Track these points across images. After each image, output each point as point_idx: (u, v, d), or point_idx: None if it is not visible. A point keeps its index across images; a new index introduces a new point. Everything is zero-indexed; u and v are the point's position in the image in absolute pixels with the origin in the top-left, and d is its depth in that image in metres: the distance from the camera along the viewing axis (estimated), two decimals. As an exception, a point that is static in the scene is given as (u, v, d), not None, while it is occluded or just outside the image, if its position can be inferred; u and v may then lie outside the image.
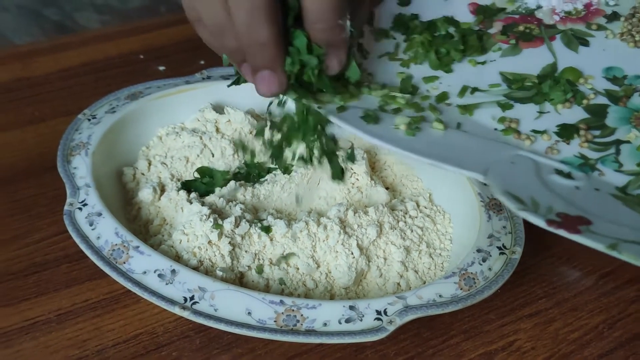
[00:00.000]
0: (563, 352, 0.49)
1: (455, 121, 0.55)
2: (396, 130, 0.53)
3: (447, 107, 0.56)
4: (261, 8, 0.39)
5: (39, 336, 0.49)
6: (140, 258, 0.47)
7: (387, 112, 0.54)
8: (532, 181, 0.50)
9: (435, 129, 0.54)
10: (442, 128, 0.54)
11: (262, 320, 0.43)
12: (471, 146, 0.53)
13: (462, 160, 0.50)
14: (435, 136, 0.53)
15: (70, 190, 0.51)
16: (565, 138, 0.55)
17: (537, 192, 0.48)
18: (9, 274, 0.53)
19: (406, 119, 0.52)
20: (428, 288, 0.46)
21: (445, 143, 0.53)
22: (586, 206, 0.47)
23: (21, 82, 0.73)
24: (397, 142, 0.51)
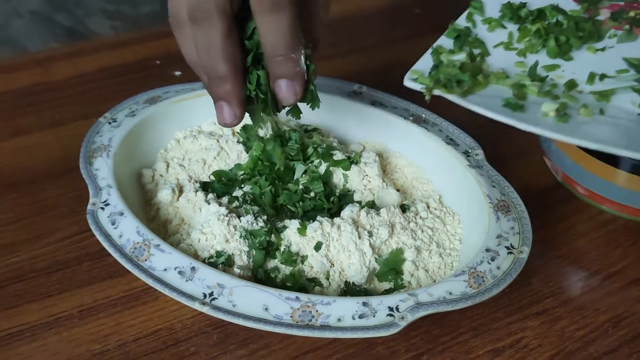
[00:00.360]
0: (569, 350, 0.51)
1: (595, 108, 0.54)
2: (546, 118, 0.52)
3: (579, 95, 0.55)
4: (218, 48, 0.45)
5: (63, 331, 0.50)
6: (161, 256, 0.48)
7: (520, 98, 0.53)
8: None
9: (582, 116, 0.53)
10: (589, 114, 0.53)
11: (278, 316, 0.45)
12: (626, 130, 0.52)
13: (628, 144, 0.50)
14: (587, 122, 0.53)
15: (92, 190, 0.53)
16: None
17: None
18: (33, 272, 0.54)
19: (554, 106, 0.52)
20: (438, 286, 0.47)
21: (602, 128, 0.53)
22: None
23: (41, 86, 0.75)
24: (551, 128, 0.51)
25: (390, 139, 0.62)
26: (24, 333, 0.50)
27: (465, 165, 0.56)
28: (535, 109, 0.52)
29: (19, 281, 0.54)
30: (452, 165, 0.57)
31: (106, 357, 0.49)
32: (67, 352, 0.49)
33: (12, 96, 0.73)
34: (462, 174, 0.56)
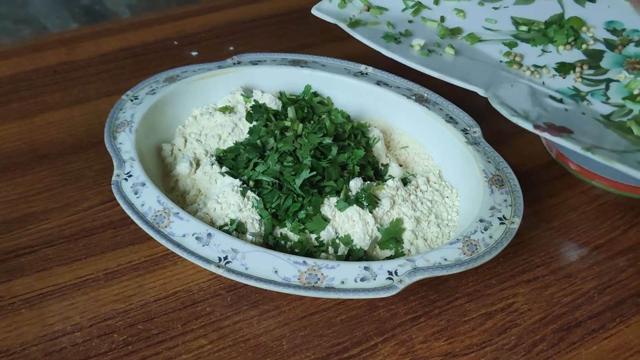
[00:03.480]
0: (556, 314, 0.54)
1: (466, 50, 0.64)
2: (411, 50, 0.62)
3: (458, 40, 0.66)
4: None
5: (90, 291, 0.54)
6: (179, 223, 0.51)
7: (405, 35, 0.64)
8: (527, 100, 0.58)
9: (447, 54, 0.63)
10: (453, 53, 0.63)
11: (287, 278, 0.48)
12: (477, 69, 0.61)
13: (468, 78, 0.59)
14: (447, 59, 0.62)
15: (117, 163, 0.56)
16: (563, 73, 0.62)
17: (530, 107, 0.56)
18: (62, 238, 0.58)
19: (421, 41, 0.62)
20: (434, 252, 0.50)
21: (455, 65, 0.61)
22: (571, 121, 0.55)
23: (67, 65, 0.78)
24: (410, 59, 0.60)
25: (393, 117, 0.65)
26: (55, 293, 0.53)
27: (463, 142, 0.59)
28: (409, 44, 0.63)
29: (49, 246, 0.57)
30: (451, 141, 0.60)
31: (130, 316, 0.52)
32: (94, 311, 0.52)
33: (40, 74, 0.76)
34: (460, 150, 0.59)
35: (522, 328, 0.53)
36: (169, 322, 0.52)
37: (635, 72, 0.63)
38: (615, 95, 0.61)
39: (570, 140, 0.51)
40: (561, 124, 0.54)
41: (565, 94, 0.61)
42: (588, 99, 0.60)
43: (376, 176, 0.60)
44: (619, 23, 0.69)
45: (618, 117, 0.58)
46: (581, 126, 0.55)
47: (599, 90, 0.61)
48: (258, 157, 0.57)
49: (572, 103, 0.59)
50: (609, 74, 0.63)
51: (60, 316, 0.52)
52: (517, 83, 0.60)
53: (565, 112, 0.57)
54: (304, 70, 0.66)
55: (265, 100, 0.63)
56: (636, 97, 0.60)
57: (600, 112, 0.59)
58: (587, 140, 0.52)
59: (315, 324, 0.52)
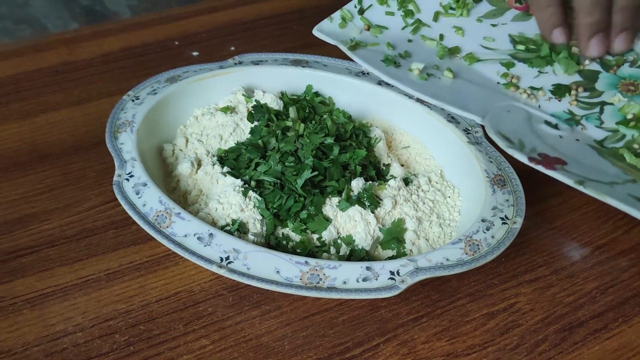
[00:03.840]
0: (558, 314, 0.54)
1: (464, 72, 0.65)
2: (410, 74, 0.63)
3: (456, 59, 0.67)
4: None
5: (91, 292, 0.53)
6: (181, 223, 0.51)
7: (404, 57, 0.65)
8: (523, 127, 0.58)
9: (446, 77, 0.64)
10: (451, 76, 0.64)
11: (289, 278, 0.48)
12: (475, 94, 0.63)
13: (465, 104, 0.59)
14: (445, 83, 0.63)
15: (118, 163, 0.56)
16: (558, 95, 0.63)
17: (525, 136, 0.56)
18: (63, 238, 0.58)
19: (420, 65, 0.62)
20: (436, 252, 0.50)
21: (453, 89, 0.62)
22: (565, 151, 0.55)
23: (68, 65, 0.78)
24: (409, 84, 0.61)
25: (395, 117, 0.65)
26: (56, 293, 0.53)
27: (465, 142, 0.59)
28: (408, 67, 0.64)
29: (50, 247, 0.57)
30: (453, 141, 0.60)
31: (131, 316, 0.52)
32: (96, 311, 0.52)
33: (41, 74, 0.76)
34: (462, 150, 0.59)
35: (524, 328, 0.52)
36: (170, 323, 0.52)
37: (629, 95, 0.63)
38: (609, 119, 0.62)
39: (563, 173, 0.52)
40: (555, 154, 0.55)
41: (561, 118, 0.61)
42: (582, 124, 0.61)
43: (378, 176, 0.60)
44: None
45: (611, 143, 0.59)
46: (575, 155, 0.56)
47: (594, 114, 0.62)
48: (259, 157, 0.57)
49: (567, 129, 0.60)
50: (603, 96, 0.64)
51: (61, 317, 0.52)
52: (513, 108, 0.61)
53: (560, 139, 0.58)
54: (305, 70, 0.67)
55: (267, 100, 0.63)
56: (629, 121, 0.60)
57: (594, 137, 0.60)
58: (580, 171, 0.53)
59: (317, 324, 0.52)
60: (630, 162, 0.56)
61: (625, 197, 0.51)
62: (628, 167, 0.56)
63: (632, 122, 0.60)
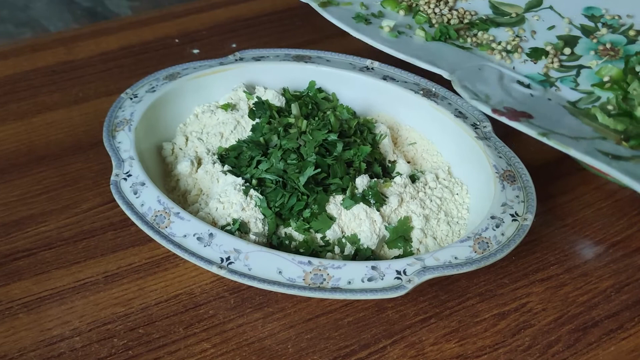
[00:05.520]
0: (572, 314, 0.53)
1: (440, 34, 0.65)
2: (381, 31, 0.63)
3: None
4: None
5: (89, 295, 0.53)
6: (180, 223, 0.51)
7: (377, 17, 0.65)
8: (493, 84, 0.58)
9: (418, 36, 0.65)
10: (423, 35, 0.64)
11: (291, 279, 0.47)
12: (447, 53, 0.62)
13: (435, 61, 0.59)
14: (416, 42, 0.63)
15: (115, 162, 0.55)
16: (534, 58, 0.63)
17: (493, 91, 0.56)
18: (61, 240, 0.57)
19: (391, 22, 0.63)
20: (444, 251, 0.49)
21: (424, 47, 0.62)
22: (533, 107, 0.56)
23: (66, 65, 0.77)
24: (378, 40, 0.61)
25: (401, 113, 0.64)
26: (53, 297, 0.53)
27: (473, 137, 0.58)
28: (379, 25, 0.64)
29: (48, 249, 0.56)
30: (461, 137, 0.59)
31: (130, 319, 0.51)
32: (94, 315, 0.52)
33: (38, 74, 0.76)
34: (470, 145, 0.58)
35: (536, 329, 0.52)
36: (170, 326, 0.51)
37: (608, 60, 0.63)
38: (585, 82, 0.62)
39: (527, 125, 0.52)
40: (522, 108, 0.54)
41: (535, 79, 0.61)
42: (557, 85, 0.61)
43: (383, 173, 0.59)
44: (597, 9, 0.69)
45: (585, 104, 0.58)
46: (544, 112, 0.56)
47: (569, 77, 0.62)
48: (261, 154, 0.56)
49: (540, 89, 0.60)
50: (581, 60, 0.64)
51: (58, 320, 0.51)
52: (486, 67, 0.60)
53: (531, 97, 0.58)
54: (308, 65, 0.66)
55: (268, 97, 0.62)
56: (605, 83, 0.60)
57: (568, 98, 0.60)
58: (546, 125, 0.52)
59: (322, 326, 0.51)
60: (603, 121, 0.56)
61: (591, 150, 0.50)
62: (599, 126, 0.55)
63: (608, 84, 0.60)
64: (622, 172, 0.48)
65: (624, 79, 0.61)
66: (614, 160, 0.50)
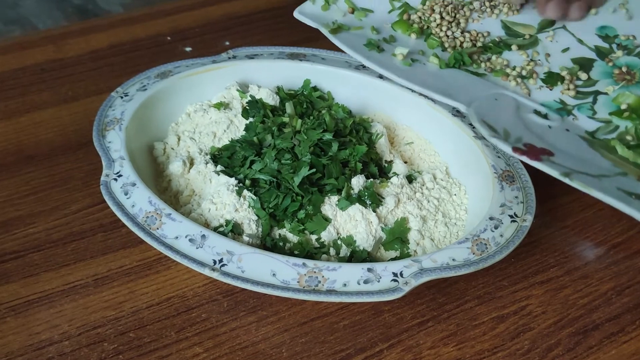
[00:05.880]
0: (572, 317, 0.53)
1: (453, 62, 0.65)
2: (394, 59, 0.63)
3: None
4: None
5: (79, 298, 0.53)
6: (172, 224, 0.51)
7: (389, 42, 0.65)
8: (510, 116, 0.57)
9: (431, 63, 0.64)
10: (437, 62, 0.64)
11: (285, 281, 0.47)
12: (461, 81, 0.63)
13: (450, 92, 0.58)
14: (430, 69, 0.62)
15: (105, 162, 0.55)
16: (550, 84, 0.62)
17: (512, 125, 0.55)
18: (49, 242, 0.57)
19: (404, 50, 0.62)
20: (442, 252, 0.49)
21: (438, 76, 0.62)
22: (553, 141, 0.54)
23: (55, 63, 0.77)
24: (392, 70, 0.60)
25: (397, 112, 0.64)
26: (42, 300, 0.53)
27: (471, 136, 0.58)
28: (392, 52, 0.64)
29: (36, 251, 0.56)
30: (459, 136, 0.59)
31: (120, 323, 0.51)
32: (83, 318, 0.52)
33: (27, 72, 0.76)
34: (468, 145, 0.58)
35: (536, 332, 0.52)
36: (162, 330, 0.51)
37: (624, 85, 0.62)
38: (602, 109, 0.61)
39: (549, 164, 0.51)
40: (542, 144, 0.54)
41: (551, 107, 0.61)
42: (574, 114, 0.60)
43: (380, 173, 0.59)
44: (611, 29, 0.68)
45: (603, 134, 0.58)
46: (563, 146, 0.55)
47: (586, 104, 0.61)
48: (255, 154, 0.56)
49: (557, 118, 0.59)
50: (597, 85, 0.63)
51: (47, 324, 0.51)
52: (502, 96, 0.60)
53: (549, 129, 0.57)
54: (302, 63, 0.66)
55: (262, 96, 0.62)
56: (623, 112, 0.60)
57: (586, 128, 0.59)
58: (567, 162, 0.52)
59: (317, 330, 0.51)
60: (622, 154, 0.56)
61: (614, 191, 0.50)
62: (619, 160, 0.55)
63: (626, 112, 0.60)
64: None
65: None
66: (637, 200, 0.50)
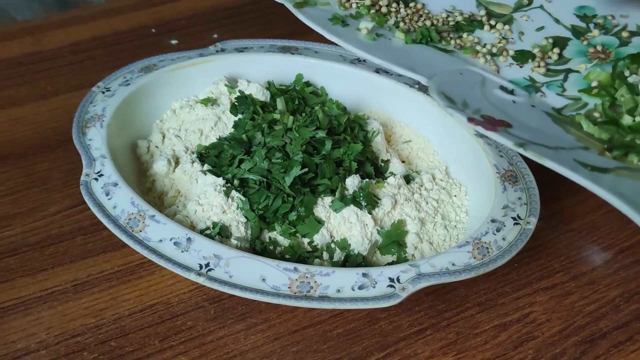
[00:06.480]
0: (578, 324, 0.53)
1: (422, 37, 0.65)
2: (358, 33, 0.63)
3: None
4: None
5: (57, 305, 0.53)
6: (156, 227, 0.50)
7: (355, 17, 0.65)
8: (473, 90, 0.58)
9: (397, 39, 0.64)
10: (403, 37, 0.64)
11: (276, 287, 0.47)
12: (428, 56, 0.62)
13: (413, 66, 0.59)
14: (395, 44, 0.63)
15: (86, 161, 0.55)
16: (520, 62, 0.63)
17: (472, 98, 0.56)
18: (26, 246, 0.57)
19: (369, 24, 0.63)
20: (441, 256, 0.49)
21: (403, 51, 0.62)
22: (514, 115, 0.55)
23: (33, 56, 0.77)
24: (354, 42, 0.61)
25: (394, 108, 0.64)
26: (18, 307, 0.52)
27: (472, 134, 0.58)
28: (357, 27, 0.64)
29: (12, 255, 0.56)
30: (459, 134, 0.59)
31: (101, 331, 0.51)
32: (62, 326, 0.51)
33: (3, 66, 0.76)
34: (468, 143, 0.58)
35: (540, 341, 0.52)
36: (145, 338, 0.51)
37: (598, 63, 0.63)
38: (572, 87, 0.62)
39: (504, 134, 0.51)
40: (501, 116, 0.54)
41: (519, 84, 0.61)
42: (542, 91, 0.61)
43: (376, 173, 0.59)
44: (590, 9, 0.69)
45: (570, 111, 0.58)
46: (525, 120, 0.56)
47: (556, 82, 0.62)
48: (244, 153, 0.56)
49: (524, 95, 0.60)
50: (570, 63, 0.64)
51: (23, 333, 0.51)
52: (468, 71, 0.61)
53: (513, 104, 0.58)
54: (295, 57, 0.66)
55: (252, 91, 0.62)
56: (593, 89, 0.60)
57: (553, 105, 0.60)
58: (525, 134, 0.52)
59: (309, 338, 0.51)
60: (587, 130, 0.56)
61: (569, 162, 0.50)
62: (583, 135, 0.55)
63: (595, 89, 0.61)
64: (599, 185, 0.48)
65: (612, 85, 0.61)
66: (593, 172, 0.50)
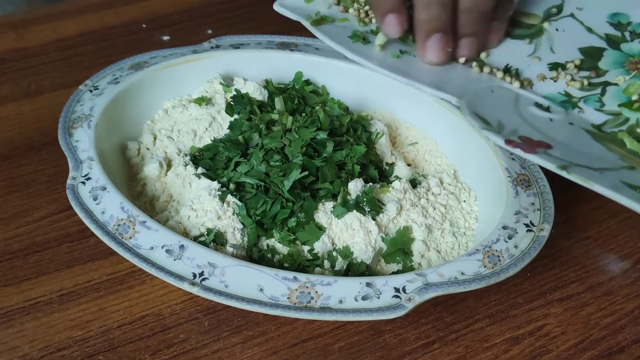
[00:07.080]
0: (595, 338, 0.53)
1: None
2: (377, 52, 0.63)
3: None
4: None
5: (41, 316, 0.52)
6: (147, 233, 0.50)
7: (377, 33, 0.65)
8: (507, 109, 0.57)
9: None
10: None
11: (274, 297, 0.47)
12: (455, 74, 0.62)
13: (441, 84, 0.59)
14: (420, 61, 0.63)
15: (72, 163, 0.55)
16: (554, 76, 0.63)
17: (507, 117, 0.55)
18: (8, 253, 0.57)
19: (383, 39, 0.63)
20: (450, 265, 0.49)
21: (429, 68, 0.62)
22: (552, 134, 0.55)
23: (16, 53, 0.77)
24: (377, 61, 0.61)
25: (400, 108, 0.64)
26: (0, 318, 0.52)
27: (482, 136, 0.58)
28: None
29: (-7, 263, 0.56)
30: (468, 136, 0.59)
31: (88, 344, 0.51)
32: (46, 339, 0.51)
33: (-16, 63, 0.76)
34: (478, 145, 0.58)
35: (554, 355, 0.51)
36: (135, 352, 0.51)
37: (636, 74, 0.62)
38: (611, 101, 0.61)
39: (545, 157, 0.51)
40: (539, 137, 0.54)
41: (555, 100, 0.61)
42: (580, 106, 0.60)
43: (380, 177, 0.59)
44: (624, 15, 0.68)
45: (611, 127, 0.58)
46: (564, 139, 0.55)
47: (594, 96, 0.61)
48: (240, 155, 0.56)
49: (561, 111, 0.59)
50: (607, 76, 0.63)
51: (5, 346, 0.51)
52: (499, 89, 0.60)
53: (550, 122, 0.57)
54: (294, 54, 0.66)
55: (249, 90, 0.62)
56: (634, 103, 0.60)
57: (592, 121, 0.59)
58: (566, 155, 0.52)
59: (309, 352, 0.51)
60: (631, 147, 0.56)
61: (616, 184, 0.50)
62: (627, 154, 0.55)
63: (636, 103, 0.60)
64: None
65: None
66: None
